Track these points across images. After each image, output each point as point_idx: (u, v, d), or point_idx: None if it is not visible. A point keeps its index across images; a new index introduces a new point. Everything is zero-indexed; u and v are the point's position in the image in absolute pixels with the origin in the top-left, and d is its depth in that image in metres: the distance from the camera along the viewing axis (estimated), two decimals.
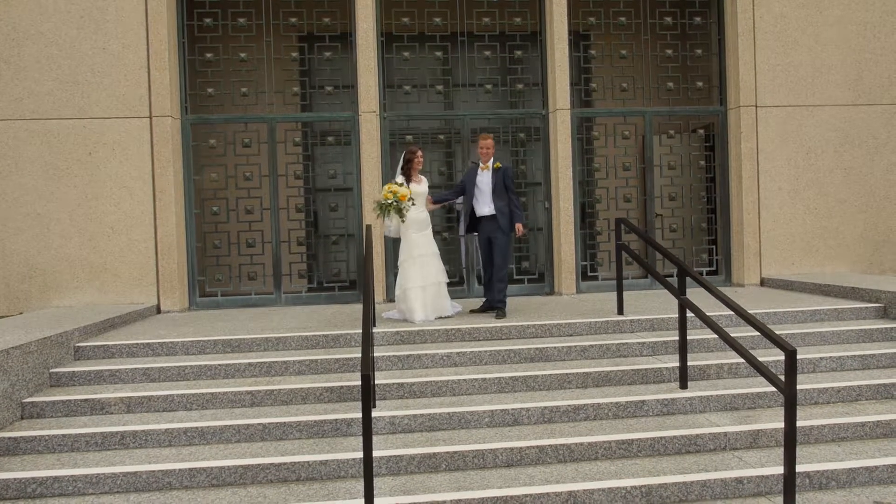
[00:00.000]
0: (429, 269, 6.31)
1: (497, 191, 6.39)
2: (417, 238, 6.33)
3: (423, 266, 6.28)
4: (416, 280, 6.23)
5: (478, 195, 6.50)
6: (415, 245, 6.32)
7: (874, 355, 5.43)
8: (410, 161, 6.38)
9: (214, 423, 4.47)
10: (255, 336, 5.74)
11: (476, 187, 6.51)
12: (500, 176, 6.42)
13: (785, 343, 3.70)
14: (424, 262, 6.30)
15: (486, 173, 6.47)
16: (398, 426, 4.53)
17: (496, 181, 6.41)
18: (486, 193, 6.44)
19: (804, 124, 8.37)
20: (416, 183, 6.41)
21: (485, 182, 6.46)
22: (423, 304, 6.22)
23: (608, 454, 4.25)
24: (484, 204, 6.46)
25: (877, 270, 8.49)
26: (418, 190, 6.39)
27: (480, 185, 6.48)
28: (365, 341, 3.78)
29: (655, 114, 8.61)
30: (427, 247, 6.37)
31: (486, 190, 6.44)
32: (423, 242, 6.34)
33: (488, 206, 6.44)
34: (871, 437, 4.50)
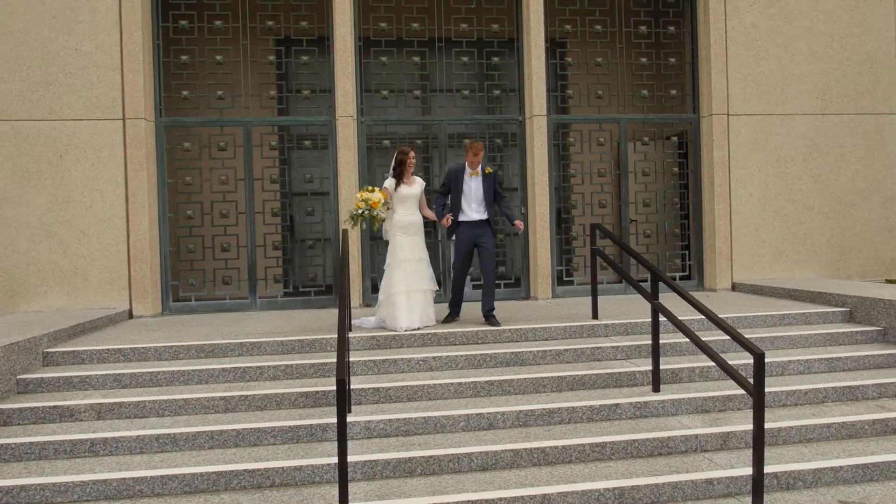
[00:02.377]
0: (415, 275, 6.04)
1: (489, 196, 6.25)
2: (403, 241, 6.07)
3: (409, 271, 6.01)
4: (399, 285, 5.96)
5: (466, 200, 6.26)
6: (400, 248, 6.07)
7: (840, 358, 5.56)
8: (403, 162, 6.13)
9: (187, 430, 4.42)
10: (230, 341, 5.69)
11: (463, 193, 6.27)
12: (492, 181, 6.27)
13: (754, 347, 3.77)
14: (410, 267, 6.02)
15: (477, 179, 6.26)
16: (373, 431, 4.52)
17: (487, 186, 6.24)
18: (478, 199, 6.24)
19: (774, 132, 8.54)
20: (408, 185, 6.14)
21: (476, 187, 6.24)
22: (407, 311, 5.95)
23: (582, 457, 4.29)
24: (474, 210, 6.24)
25: (843, 275, 8.69)
26: (409, 192, 6.13)
27: (470, 190, 6.25)
28: (341, 346, 3.78)
29: (630, 121, 8.73)
30: (414, 251, 6.09)
31: (478, 195, 6.24)
32: (409, 246, 6.07)
33: (479, 212, 6.24)
34: (837, 437, 4.60)
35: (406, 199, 6.13)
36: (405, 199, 6.12)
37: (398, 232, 6.09)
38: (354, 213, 5.97)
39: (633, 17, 8.75)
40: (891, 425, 4.69)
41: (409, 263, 6.03)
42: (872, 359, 5.60)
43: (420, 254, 6.13)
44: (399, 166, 6.12)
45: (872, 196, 8.76)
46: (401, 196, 6.11)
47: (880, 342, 6.02)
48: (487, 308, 6.23)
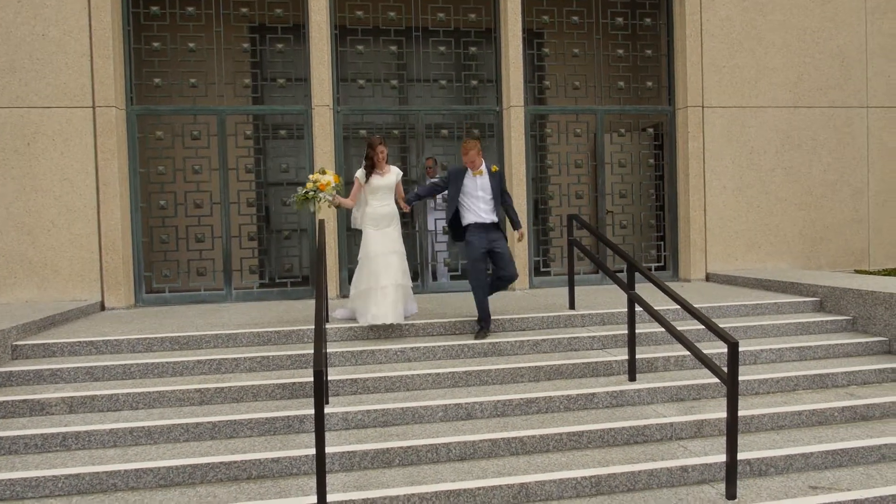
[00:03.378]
0: (387, 269, 5.72)
1: (497, 196, 5.77)
2: (374, 234, 5.82)
3: (381, 266, 5.71)
4: (369, 280, 5.72)
5: (470, 202, 5.71)
6: (371, 242, 5.82)
7: (811, 347, 5.67)
8: (370, 157, 5.87)
9: (162, 423, 4.36)
10: (205, 333, 5.62)
11: (467, 193, 5.73)
12: (499, 180, 5.82)
13: (728, 336, 3.83)
14: (381, 261, 5.72)
15: (483, 178, 5.73)
16: (351, 422, 4.50)
17: (496, 186, 5.77)
18: (485, 200, 5.71)
19: (748, 125, 8.65)
20: (381, 175, 5.87)
21: (482, 188, 5.72)
22: (375, 304, 5.66)
23: (559, 446, 4.32)
24: (482, 211, 5.70)
25: (814, 266, 8.86)
26: (381, 183, 5.84)
27: (476, 191, 5.71)
28: (318, 337, 3.75)
29: (607, 112, 8.77)
30: (386, 244, 5.80)
31: (485, 196, 5.71)
32: (380, 239, 5.80)
33: (489, 214, 5.72)
34: (808, 424, 4.70)
35: (378, 189, 5.86)
36: (377, 189, 5.85)
37: (368, 224, 5.87)
38: (300, 194, 5.73)
39: (610, 9, 8.77)
40: (859, 412, 4.80)
41: (380, 258, 5.74)
42: (842, 347, 5.72)
43: (393, 246, 5.83)
44: (370, 158, 5.88)
45: (843, 188, 8.92)
46: (372, 187, 5.85)
47: (849, 331, 6.15)
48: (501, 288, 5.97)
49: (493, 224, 5.73)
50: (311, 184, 5.68)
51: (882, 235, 9.05)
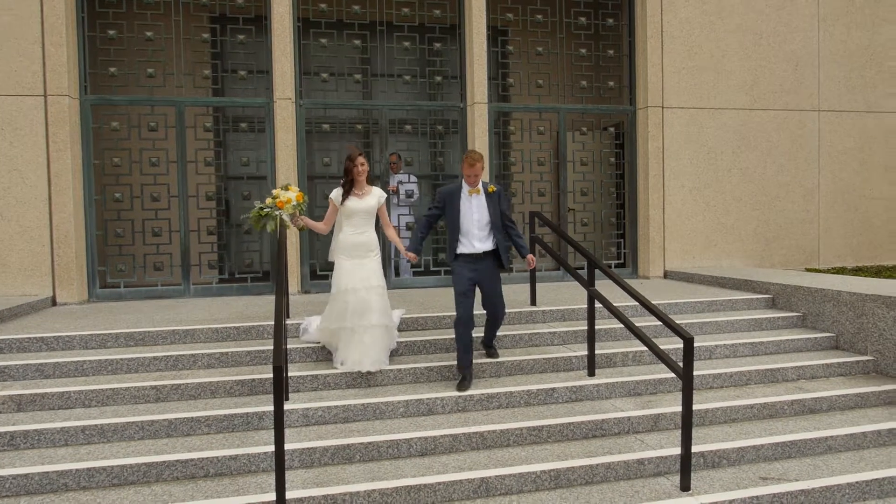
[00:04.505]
0: (363, 307, 4.88)
1: (496, 220, 4.99)
2: (346, 265, 4.98)
3: (351, 304, 4.88)
4: (337, 319, 4.93)
5: (464, 226, 4.96)
6: (342, 274, 4.98)
7: (763, 342, 5.84)
8: (349, 170, 4.98)
9: (116, 420, 4.26)
10: (161, 328, 5.50)
11: (461, 217, 4.96)
12: (497, 201, 5.02)
13: (683, 332, 3.91)
14: (353, 298, 4.88)
15: (478, 198, 4.97)
16: (311, 418, 4.47)
17: (493, 208, 4.98)
18: (480, 223, 4.96)
19: (706, 126, 8.85)
20: (359, 197, 5.01)
21: (479, 210, 4.96)
22: (346, 347, 4.93)
23: (520, 440, 4.37)
24: (475, 237, 4.94)
25: (767, 264, 9.11)
26: (358, 206, 4.98)
27: (470, 213, 4.95)
28: (277, 332, 3.71)
29: (569, 111, 8.86)
30: (360, 278, 4.94)
31: (480, 219, 4.96)
32: (353, 272, 4.96)
33: (486, 241, 4.97)
34: (759, 417, 4.84)
35: (354, 214, 5.00)
36: (353, 214, 5.00)
37: (340, 254, 5.03)
38: (256, 211, 5.18)
39: (574, 8, 8.86)
40: (808, 405, 4.97)
41: (350, 294, 4.91)
42: (792, 343, 5.90)
43: (369, 280, 4.96)
44: (347, 174, 5.01)
45: (795, 189, 9.20)
46: (348, 210, 5.00)
47: (799, 327, 6.34)
48: (488, 339, 5.35)
49: (486, 254, 4.96)
50: (270, 199, 5.18)
51: (831, 235, 9.36)
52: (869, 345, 5.66)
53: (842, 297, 5.91)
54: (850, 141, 9.39)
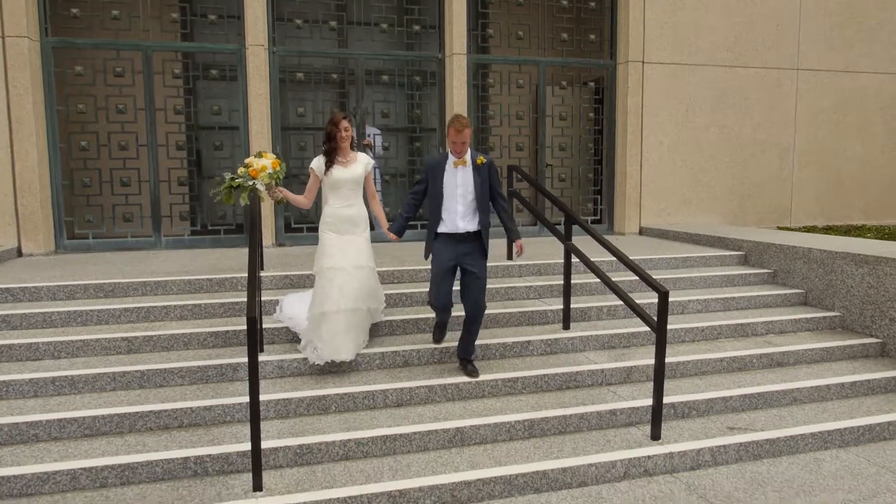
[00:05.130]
0: (350, 288, 4.43)
1: (484, 197, 4.39)
2: (333, 241, 4.52)
3: (336, 284, 4.41)
4: (325, 303, 4.39)
5: (447, 202, 4.35)
6: (328, 252, 4.49)
7: (734, 298, 5.93)
8: (333, 136, 4.49)
9: (86, 371, 4.20)
10: (132, 280, 5.39)
11: (445, 191, 4.34)
12: (486, 175, 4.41)
13: (659, 285, 3.94)
14: (342, 279, 4.43)
15: (464, 171, 4.35)
16: (287, 370, 4.45)
17: (480, 183, 4.36)
18: (465, 200, 4.34)
19: (686, 82, 8.79)
20: (343, 165, 4.52)
21: (463, 184, 4.34)
22: (333, 337, 4.37)
23: (495, 391, 4.41)
24: (459, 216, 4.33)
25: (741, 222, 9.21)
26: (344, 176, 4.50)
27: (454, 187, 4.34)
28: (251, 283, 3.64)
29: (549, 64, 8.72)
30: (348, 256, 4.49)
31: (465, 195, 4.34)
32: (341, 248, 4.50)
33: (466, 220, 4.35)
34: (728, 370, 4.95)
35: (340, 184, 4.53)
36: (339, 184, 4.52)
37: (327, 229, 4.57)
38: (227, 183, 4.71)
39: None
40: (776, 359, 5.08)
41: (340, 274, 4.44)
42: (762, 299, 6.01)
43: (359, 259, 4.53)
44: (330, 140, 4.52)
45: (771, 148, 9.25)
46: (333, 180, 4.52)
47: (770, 283, 6.45)
48: (464, 352, 4.56)
49: (469, 235, 4.37)
50: (242, 169, 4.71)
51: (803, 194, 9.48)
52: (836, 301, 5.78)
53: (812, 254, 6.00)
54: (826, 101, 9.42)
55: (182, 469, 3.53)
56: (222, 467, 3.58)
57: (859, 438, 4.25)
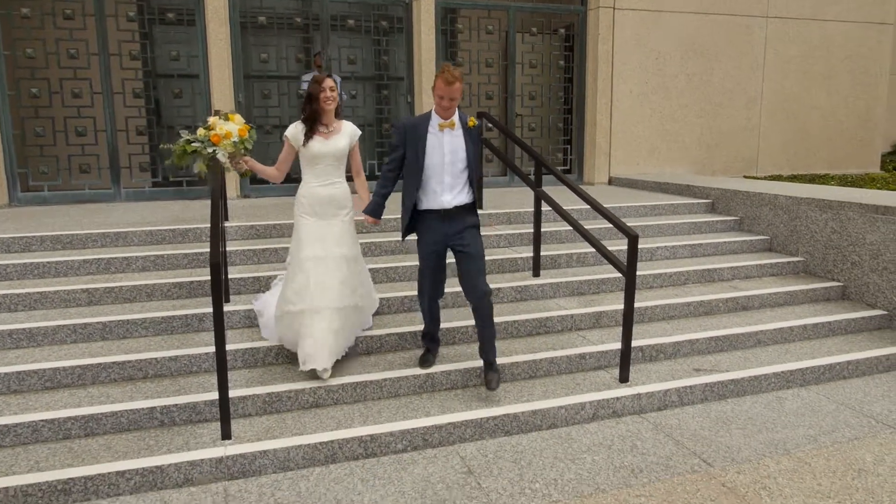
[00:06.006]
0: (333, 282, 3.79)
1: (472, 165, 3.76)
2: (311, 227, 3.85)
3: (314, 277, 3.77)
4: (296, 299, 3.78)
5: (431, 173, 3.68)
6: (305, 238, 3.84)
7: (701, 244, 6.00)
8: (315, 97, 3.78)
9: (45, 324, 4.07)
10: (91, 231, 5.21)
11: (428, 159, 3.67)
12: (477, 139, 3.84)
13: (628, 229, 3.94)
14: (322, 270, 3.78)
15: (453, 135, 3.69)
16: (254, 320, 4.37)
17: (471, 148, 3.74)
18: (454, 170, 3.70)
19: (656, 29, 8.68)
20: (324, 136, 3.84)
21: (452, 150, 3.69)
22: (307, 335, 3.74)
23: (466, 338, 4.41)
24: (446, 188, 3.69)
25: (709, 172, 9.28)
26: (324, 149, 3.82)
27: (443, 155, 3.67)
28: (214, 232, 3.52)
29: (519, 9, 8.52)
30: (328, 244, 3.84)
31: (456, 164, 3.70)
32: (319, 235, 3.84)
33: (461, 193, 3.73)
34: (695, 314, 5.02)
35: (320, 158, 3.84)
36: (317, 159, 3.84)
37: (302, 212, 3.89)
38: (182, 145, 3.96)
39: None
40: (741, 303, 5.17)
41: (319, 265, 3.79)
42: (729, 245, 6.08)
43: (339, 247, 3.87)
44: (311, 102, 3.81)
45: (738, 97, 9.25)
46: (312, 154, 3.83)
47: (736, 230, 6.53)
48: (484, 352, 3.84)
49: (459, 209, 3.72)
50: (202, 131, 3.93)
51: (770, 143, 9.55)
52: (800, 246, 5.88)
53: (778, 200, 6.07)
54: (794, 49, 9.42)
55: (148, 419, 3.47)
56: (190, 417, 3.53)
57: (820, 377, 4.38)
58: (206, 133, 3.91)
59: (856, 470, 3.32)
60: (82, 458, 3.18)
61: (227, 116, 4.01)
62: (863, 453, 3.48)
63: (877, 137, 10.21)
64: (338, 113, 3.94)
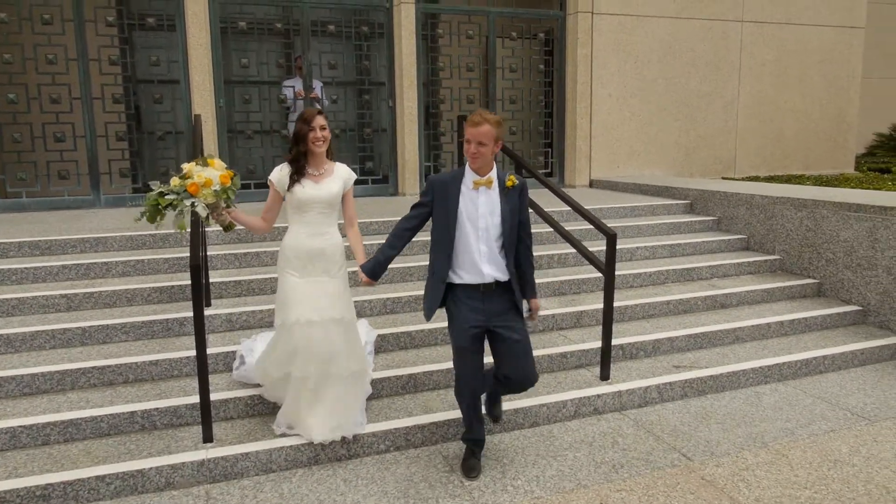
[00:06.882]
0: (324, 349, 3.29)
1: (511, 231, 3.13)
2: (298, 287, 3.34)
3: (303, 342, 3.29)
4: (284, 363, 3.36)
5: (468, 239, 3.11)
6: (292, 299, 3.33)
7: (680, 244, 6.07)
8: (303, 137, 3.28)
9: (23, 330, 4.03)
10: (70, 237, 5.17)
11: (460, 223, 3.11)
12: (516, 201, 3.16)
13: (607, 228, 3.99)
14: (313, 336, 3.29)
15: (490, 196, 3.12)
16: (236, 323, 4.37)
17: (509, 212, 3.12)
18: (488, 238, 3.11)
19: (635, 33, 8.80)
20: (314, 179, 3.34)
21: (489, 213, 3.11)
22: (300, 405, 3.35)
23: (446, 339, 4.42)
24: (487, 259, 3.11)
25: (687, 173, 9.39)
26: (312, 195, 3.32)
27: (476, 219, 3.10)
28: (195, 235, 3.52)
29: (499, 14, 8.60)
30: (320, 305, 3.32)
31: (490, 230, 3.11)
32: (308, 295, 3.33)
33: (493, 267, 3.12)
34: (675, 313, 5.09)
35: (309, 205, 3.34)
36: (306, 206, 3.34)
37: (288, 267, 3.38)
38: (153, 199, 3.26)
39: None
40: (719, 301, 5.25)
41: (308, 329, 3.29)
42: (707, 244, 6.17)
43: (331, 309, 3.35)
44: (298, 143, 3.32)
45: (715, 100, 9.39)
46: (298, 201, 3.33)
47: (714, 230, 6.62)
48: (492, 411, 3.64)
49: (499, 286, 3.14)
50: (177, 181, 3.29)
51: (747, 145, 9.70)
52: (777, 245, 5.98)
53: (755, 200, 6.17)
54: (769, 53, 9.59)
55: (129, 423, 3.45)
56: (171, 420, 3.51)
57: (797, 372, 4.45)
58: (182, 183, 3.26)
59: (832, 461, 3.38)
60: (62, 464, 3.15)
61: (205, 161, 3.36)
62: (839, 445, 3.55)
63: (850, 139, 10.41)
64: (330, 153, 3.43)
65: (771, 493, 3.08)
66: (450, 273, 3.15)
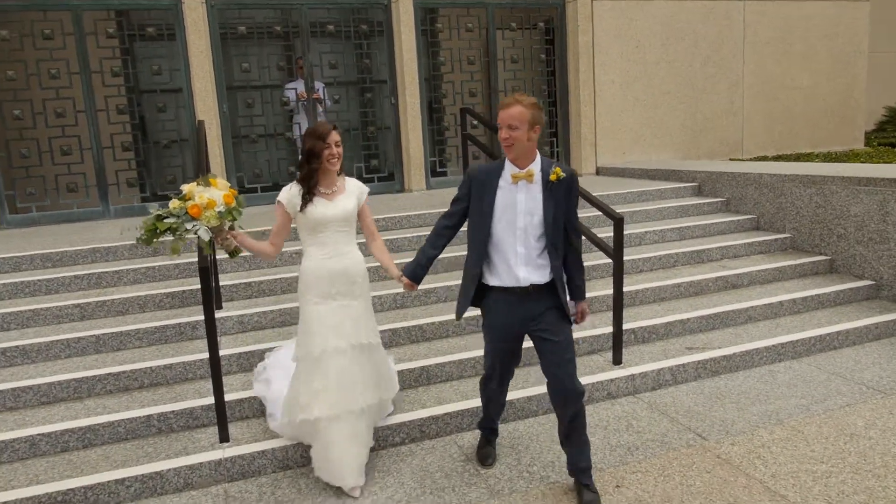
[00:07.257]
0: (350, 381, 3.11)
1: (556, 231, 2.85)
2: (321, 314, 3.14)
3: (337, 375, 3.09)
4: (320, 406, 3.07)
5: (504, 238, 2.85)
6: (315, 326, 3.13)
7: (689, 227, 6.04)
8: (317, 154, 3.08)
9: (38, 340, 4.08)
10: (80, 248, 5.22)
11: (496, 220, 2.85)
12: (562, 196, 2.84)
13: (613, 212, 3.98)
14: (339, 365, 3.10)
15: (531, 190, 2.83)
16: (247, 324, 4.40)
17: (553, 208, 2.82)
18: (527, 238, 2.84)
19: (635, 18, 8.74)
20: (328, 197, 3.15)
21: (529, 210, 2.83)
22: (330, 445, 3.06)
23: (458, 331, 4.44)
24: (521, 261, 2.84)
25: (694, 156, 9.33)
26: (328, 214, 3.13)
27: (516, 217, 2.83)
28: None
29: (497, 6, 8.57)
30: (344, 331, 3.14)
31: (531, 229, 2.83)
32: (333, 322, 3.13)
33: (533, 266, 2.86)
34: (686, 295, 5.06)
35: (323, 226, 3.15)
36: (321, 225, 3.15)
37: (309, 293, 3.18)
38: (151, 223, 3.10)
39: None
40: (730, 281, 5.21)
41: (337, 360, 3.10)
42: (716, 226, 6.13)
43: (358, 334, 3.18)
44: (311, 161, 3.10)
45: (721, 81, 9.31)
46: (312, 221, 3.14)
47: (723, 211, 6.58)
48: (576, 464, 2.98)
49: (538, 288, 2.87)
50: (177, 203, 3.08)
51: (753, 125, 9.61)
52: (787, 223, 5.93)
53: (763, 179, 6.12)
54: (772, 31, 9.49)
55: (146, 427, 3.49)
56: (187, 422, 3.55)
57: (811, 349, 4.42)
58: (183, 205, 3.04)
59: (848, 435, 3.35)
60: (81, 469, 3.19)
61: (207, 181, 3.12)
62: (854, 419, 3.52)
63: (859, 115, 10.29)
64: (341, 168, 3.21)
65: (787, 469, 3.06)
66: (484, 273, 2.92)
